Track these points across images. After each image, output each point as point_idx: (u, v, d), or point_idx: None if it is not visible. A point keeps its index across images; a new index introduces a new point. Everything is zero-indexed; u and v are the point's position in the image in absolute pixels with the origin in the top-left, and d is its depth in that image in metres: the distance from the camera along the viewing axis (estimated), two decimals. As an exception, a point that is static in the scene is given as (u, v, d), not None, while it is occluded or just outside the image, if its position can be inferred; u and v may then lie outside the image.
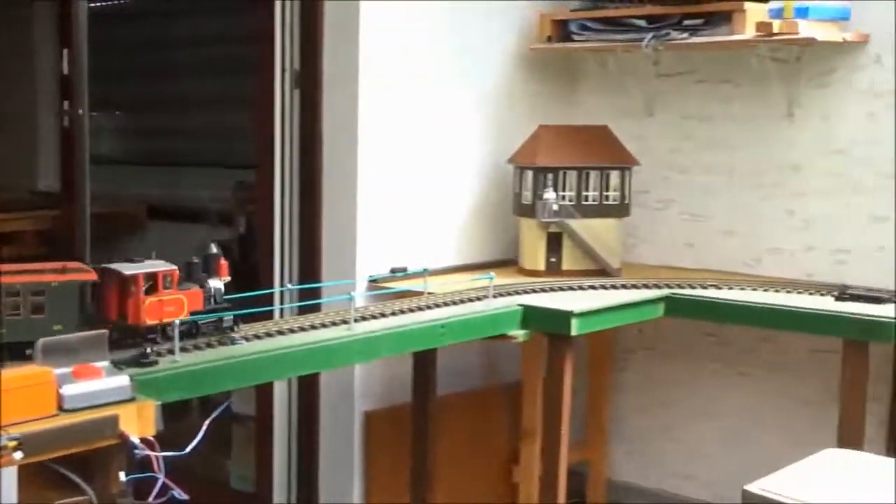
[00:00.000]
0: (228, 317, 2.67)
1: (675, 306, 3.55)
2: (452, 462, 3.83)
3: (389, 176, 3.76)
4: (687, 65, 4.05)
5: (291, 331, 2.82)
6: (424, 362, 3.46)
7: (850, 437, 3.25)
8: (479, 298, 3.31)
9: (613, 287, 3.60)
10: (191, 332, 2.53)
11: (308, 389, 3.77)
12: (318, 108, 3.66)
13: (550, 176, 3.76)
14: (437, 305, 3.20)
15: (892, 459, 3.01)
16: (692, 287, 3.60)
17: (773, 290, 3.56)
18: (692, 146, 4.10)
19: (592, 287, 3.59)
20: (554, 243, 3.78)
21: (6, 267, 2.28)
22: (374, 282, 3.63)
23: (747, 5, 3.60)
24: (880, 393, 3.61)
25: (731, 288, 3.60)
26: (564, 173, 3.78)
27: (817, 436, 3.43)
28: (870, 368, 3.30)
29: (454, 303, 3.25)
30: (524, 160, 3.83)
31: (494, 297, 3.32)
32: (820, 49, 3.71)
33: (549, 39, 4.00)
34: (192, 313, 2.52)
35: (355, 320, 2.93)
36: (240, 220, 4.87)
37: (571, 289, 3.56)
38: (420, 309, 3.15)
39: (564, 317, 3.25)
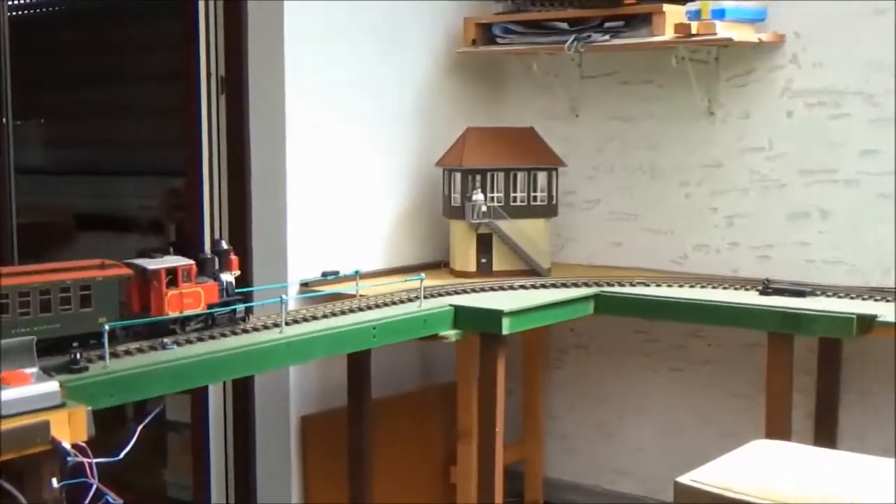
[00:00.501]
0: (240, 308, 2.91)
1: (604, 304, 3.59)
2: (390, 464, 3.85)
3: (319, 180, 3.77)
4: (610, 66, 4.12)
5: (223, 335, 2.83)
6: (358, 364, 3.47)
7: (777, 428, 3.34)
8: (410, 300, 3.34)
9: (543, 286, 3.64)
10: (207, 323, 2.80)
11: (243, 395, 3.77)
12: (244, 113, 3.67)
13: (479, 177, 3.79)
14: (369, 307, 3.23)
15: (818, 448, 3.11)
16: (621, 284, 3.66)
17: (700, 286, 3.63)
18: (617, 146, 4.16)
19: (523, 287, 3.63)
20: (484, 244, 3.81)
21: (48, 266, 2.48)
22: (305, 285, 3.64)
23: (666, 7, 3.67)
24: (806, 384, 3.69)
25: (658, 285, 3.66)
26: (493, 175, 3.81)
27: (747, 428, 3.50)
28: (794, 361, 3.38)
29: (385, 304, 3.28)
30: (452, 162, 3.86)
31: (426, 298, 3.35)
32: (737, 49, 3.79)
33: (474, 43, 4.04)
34: (209, 305, 2.78)
35: (287, 323, 2.95)
36: (170, 228, 4.86)
37: (502, 289, 3.60)
38: (352, 311, 3.17)
39: (495, 316, 3.28)
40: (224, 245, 2.94)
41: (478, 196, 3.78)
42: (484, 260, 3.81)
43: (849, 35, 3.67)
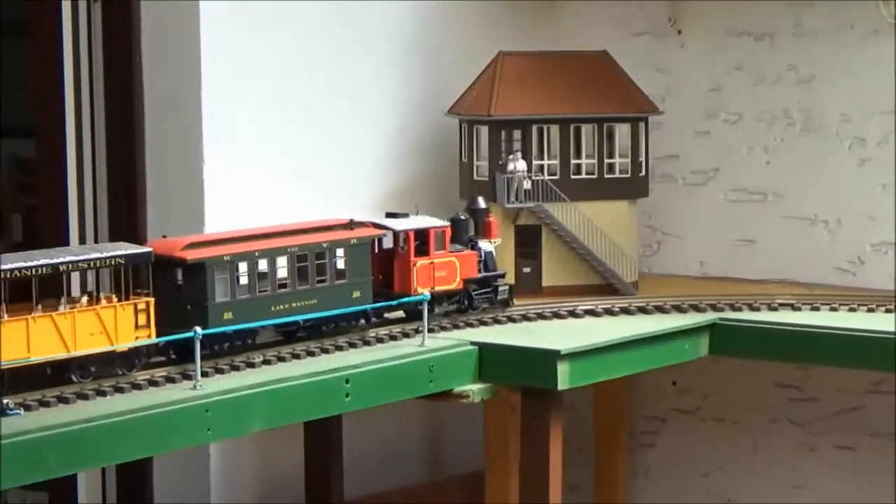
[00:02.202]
0: (504, 288, 3.37)
1: (726, 339, 3.61)
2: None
3: (252, 146, 3.84)
4: None
5: (100, 392, 2.80)
6: (321, 442, 3.51)
7: None
8: (406, 334, 3.32)
9: (626, 312, 3.64)
10: (462, 305, 3.30)
11: (134, 486, 3.80)
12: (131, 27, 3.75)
13: (518, 133, 3.80)
14: (338, 347, 3.21)
15: None
16: (753, 308, 3.66)
17: (885, 310, 3.62)
18: (745, 80, 4.18)
19: (592, 313, 3.63)
20: (528, 243, 3.81)
21: (290, 226, 3.20)
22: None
23: None
24: None
25: (816, 308, 3.67)
26: (541, 129, 3.82)
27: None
28: None
29: (365, 342, 3.25)
30: (476, 109, 3.85)
31: (433, 330, 3.32)
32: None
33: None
34: (465, 281, 3.27)
35: (204, 373, 2.91)
36: (12, 221, 4.99)
37: (557, 316, 3.60)
38: (310, 353, 3.15)
39: (546, 361, 3.26)
40: (481, 202, 3.39)
41: (517, 164, 3.76)
42: (527, 269, 3.81)
43: None
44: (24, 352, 2.79)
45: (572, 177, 3.84)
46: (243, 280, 3.07)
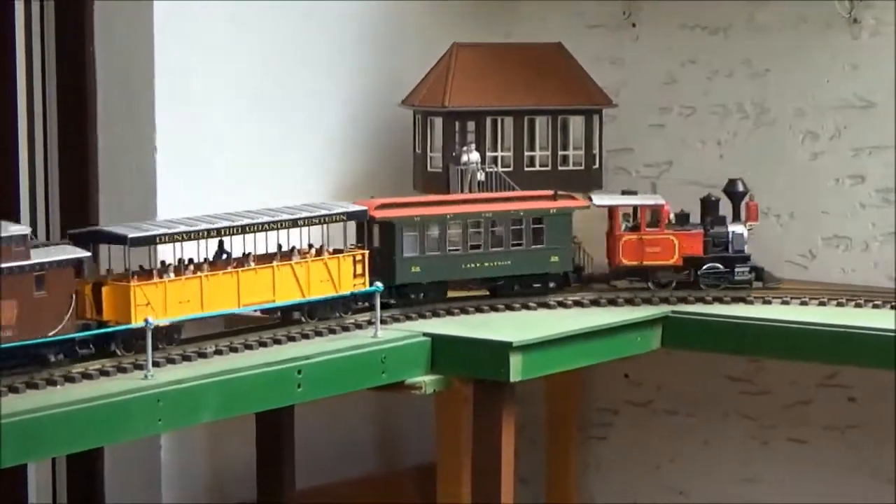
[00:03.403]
0: (743, 269, 3.50)
1: (678, 332, 3.61)
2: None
3: (200, 135, 3.84)
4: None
5: (51, 382, 2.79)
6: (273, 433, 3.50)
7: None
8: (359, 325, 3.34)
9: (579, 304, 3.64)
10: (688, 278, 3.44)
11: (85, 478, 3.79)
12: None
13: (472, 125, 3.81)
14: (290, 337, 3.21)
15: None
16: (705, 301, 3.65)
17: (837, 303, 3.63)
18: (699, 73, 4.20)
19: (545, 305, 3.63)
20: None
21: (493, 195, 3.61)
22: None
23: None
24: None
25: (767, 301, 3.67)
26: (495, 121, 3.84)
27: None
28: None
29: (317, 332, 3.26)
30: (430, 101, 3.86)
31: (385, 322, 3.35)
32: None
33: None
34: (687, 259, 3.44)
35: (156, 363, 2.91)
36: None
37: (510, 308, 3.60)
38: (262, 344, 3.16)
39: (498, 352, 3.27)
40: (740, 185, 3.52)
41: (471, 155, 3.77)
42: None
43: None
44: (270, 296, 3.25)
45: (526, 169, 3.85)
46: (432, 239, 3.47)
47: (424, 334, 3.35)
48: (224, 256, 3.29)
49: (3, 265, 2.76)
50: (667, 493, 4.34)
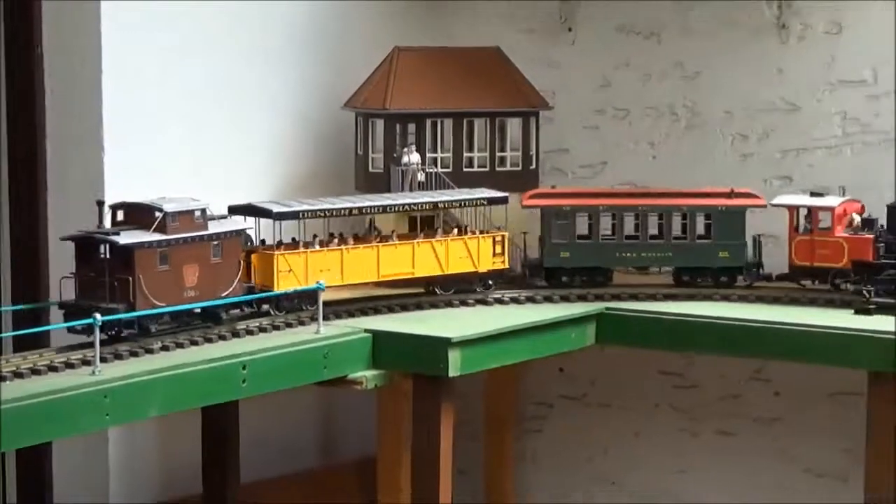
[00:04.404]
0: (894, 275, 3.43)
1: (613, 328, 3.66)
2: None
3: (144, 125, 3.83)
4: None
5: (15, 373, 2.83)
6: (218, 427, 3.50)
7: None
8: (302, 322, 3.36)
9: (516, 301, 3.68)
10: (862, 280, 3.46)
11: (32, 477, 3.78)
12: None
13: (412, 127, 3.84)
14: (235, 334, 3.23)
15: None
16: (638, 298, 3.70)
17: (762, 302, 3.67)
18: (633, 76, 4.23)
19: (483, 301, 3.67)
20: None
21: (669, 189, 3.71)
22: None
23: None
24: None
25: (695, 298, 3.71)
26: (435, 123, 3.87)
27: None
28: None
29: (261, 329, 3.29)
30: (371, 103, 3.88)
31: (328, 318, 3.38)
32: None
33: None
34: (856, 263, 3.44)
35: (103, 359, 2.93)
36: None
37: (450, 305, 3.64)
38: (208, 340, 3.18)
39: (438, 348, 3.30)
40: None
41: (411, 156, 3.80)
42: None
43: None
44: (410, 269, 3.55)
45: (465, 169, 3.89)
46: (582, 227, 3.65)
47: (366, 330, 3.36)
48: (374, 233, 3.57)
49: (189, 234, 3.15)
50: (600, 484, 4.37)
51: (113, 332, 3.01)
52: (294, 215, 3.41)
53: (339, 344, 3.31)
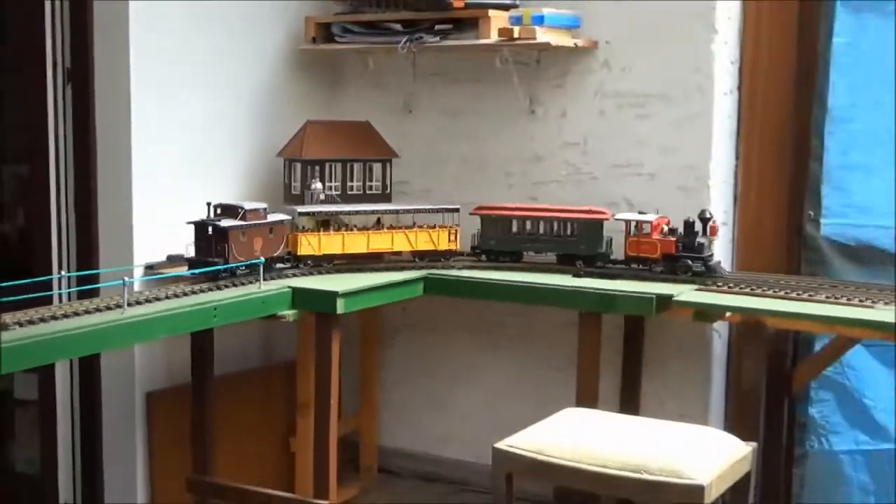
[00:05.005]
0: (689, 262, 3.47)
1: (433, 286, 3.68)
2: (233, 437, 3.86)
3: (164, 169, 3.76)
4: (441, 66, 4.20)
5: (66, 315, 2.79)
6: (201, 343, 3.48)
7: (586, 397, 3.50)
8: (251, 282, 3.38)
9: (375, 269, 3.71)
10: (673, 268, 3.51)
11: (88, 372, 3.73)
12: (90, 103, 3.63)
13: (317, 167, 3.83)
14: (211, 289, 3.25)
15: (622, 414, 3.26)
16: (448, 268, 3.74)
17: (521, 270, 3.72)
18: (447, 139, 4.25)
19: (359, 269, 3.69)
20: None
21: (546, 206, 3.78)
22: (150, 268, 3.62)
23: (491, 13, 3.78)
24: (613, 358, 3.84)
25: (484, 268, 3.75)
26: (331, 165, 3.86)
27: (562, 397, 3.59)
28: (603, 337, 3.54)
29: (227, 287, 3.30)
30: (293, 153, 3.89)
31: (266, 280, 3.38)
32: (555, 53, 3.93)
33: (315, 41, 4.06)
34: (665, 255, 3.48)
35: (129, 304, 2.94)
36: (18, 213, 4.74)
37: (339, 271, 3.66)
38: (193, 293, 3.19)
39: (330, 297, 3.34)
40: (708, 213, 3.48)
41: (316, 185, 3.82)
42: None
43: (652, 44, 3.85)
44: (389, 246, 3.70)
45: (348, 192, 3.91)
46: (504, 227, 3.71)
47: (289, 286, 3.38)
48: (377, 223, 3.71)
49: (258, 222, 3.39)
50: (432, 374, 4.36)
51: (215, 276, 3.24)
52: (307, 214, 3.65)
53: (272, 295, 3.32)
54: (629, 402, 3.78)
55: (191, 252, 3.30)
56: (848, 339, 3.45)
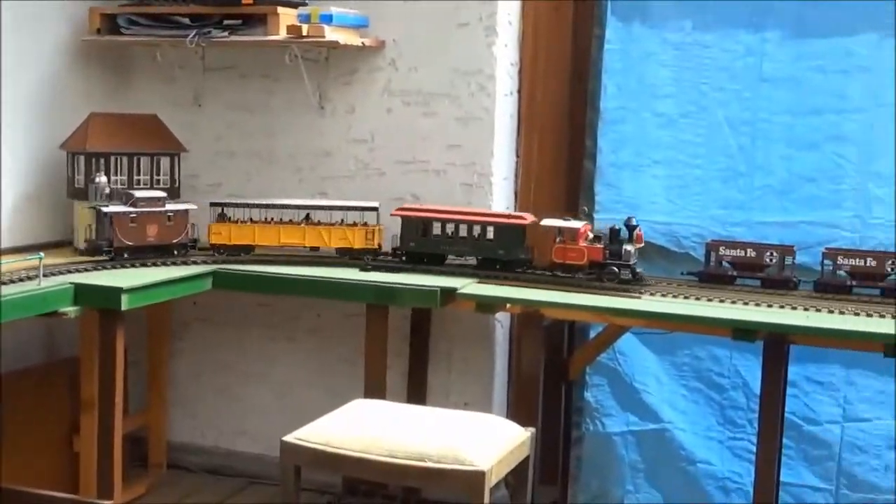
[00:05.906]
0: (616, 269, 3.43)
1: (222, 280, 3.66)
2: (16, 436, 3.75)
3: None
4: (230, 60, 4.18)
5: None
6: None
7: (374, 388, 3.57)
8: (30, 278, 3.29)
9: (164, 264, 3.66)
10: (600, 276, 3.45)
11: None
12: None
13: (102, 161, 3.76)
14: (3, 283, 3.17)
15: (409, 405, 3.33)
16: (240, 262, 3.72)
17: (313, 265, 3.71)
18: (237, 134, 4.23)
19: (144, 264, 3.64)
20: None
21: (467, 209, 3.70)
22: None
23: (280, 10, 3.79)
24: (402, 349, 3.94)
25: (273, 263, 3.74)
26: (117, 158, 3.80)
27: (351, 389, 3.64)
28: (391, 328, 3.62)
29: (4, 283, 3.20)
30: (76, 146, 3.81)
31: (46, 276, 3.31)
32: (344, 51, 3.97)
33: (99, 32, 3.97)
34: (591, 262, 3.44)
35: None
36: None
37: (124, 267, 3.60)
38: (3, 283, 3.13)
39: (114, 293, 3.30)
40: (634, 221, 3.45)
41: (101, 179, 3.74)
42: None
43: (437, 45, 3.94)
44: (302, 241, 3.69)
45: (134, 186, 3.83)
46: (425, 229, 3.59)
47: (71, 283, 3.30)
48: (306, 219, 3.69)
49: (155, 209, 3.55)
50: (221, 362, 4.34)
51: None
52: (221, 205, 3.72)
53: (52, 291, 3.25)
54: (416, 393, 3.88)
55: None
56: (619, 328, 3.63)
